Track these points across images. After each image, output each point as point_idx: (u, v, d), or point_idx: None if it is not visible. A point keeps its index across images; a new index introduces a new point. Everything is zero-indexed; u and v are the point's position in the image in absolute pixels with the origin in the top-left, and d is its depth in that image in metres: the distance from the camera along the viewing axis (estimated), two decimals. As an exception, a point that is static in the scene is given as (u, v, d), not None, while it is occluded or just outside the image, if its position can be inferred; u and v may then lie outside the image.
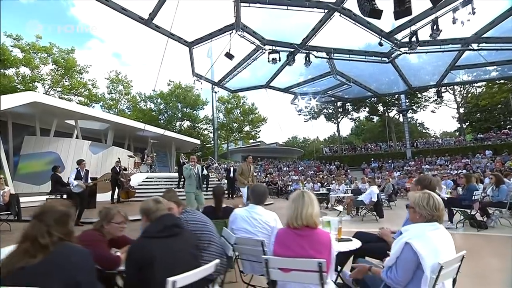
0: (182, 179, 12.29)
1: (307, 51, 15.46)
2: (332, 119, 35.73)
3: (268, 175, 21.31)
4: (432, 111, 32.36)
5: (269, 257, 1.66)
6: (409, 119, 41.36)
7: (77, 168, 6.51)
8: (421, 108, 31.70)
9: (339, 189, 9.60)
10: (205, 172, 11.28)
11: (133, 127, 16.74)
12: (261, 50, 16.31)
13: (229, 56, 17.16)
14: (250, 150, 39.89)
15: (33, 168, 12.43)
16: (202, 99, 36.92)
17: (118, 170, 10.34)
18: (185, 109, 34.95)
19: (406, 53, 15.11)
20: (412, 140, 27.47)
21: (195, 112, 36.05)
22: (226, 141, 38.49)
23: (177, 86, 33.90)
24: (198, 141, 24.82)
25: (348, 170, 22.94)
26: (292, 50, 15.81)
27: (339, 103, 29.34)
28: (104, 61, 52.49)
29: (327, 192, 10.20)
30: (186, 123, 36.33)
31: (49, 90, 22.78)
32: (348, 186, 11.01)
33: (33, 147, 12.72)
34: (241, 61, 20.18)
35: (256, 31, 14.62)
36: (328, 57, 17.16)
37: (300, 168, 25.92)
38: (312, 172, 23.16)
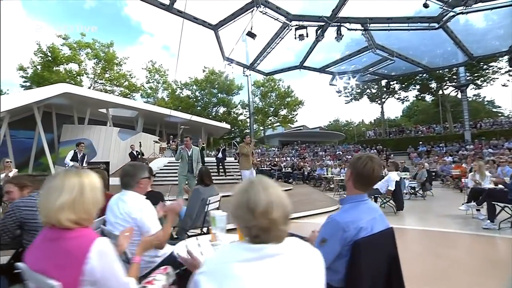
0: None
1: (338, 24, 13.84)
2: (377, 100, 32.54)
3: (295, 159, 20.34)
4: (504, 85, 27.08)
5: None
6: (474, 96, 35.81)
7: (74, 150, 6.60)
8: (487, 82, 26.74)
9: None
10: (220, 155, 10.97)
11: (161, 114, 17.19)
12: (287, 27, 15.13)
13: (251, 35, 16.31)
14: (290, 134, 38.85)
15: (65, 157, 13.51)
16: (238, 84, 36.76)
17: (136, 155, 10.58)
18: (219, 95, 35.19)
19: (462, 13, 12.46)
20: (475, 121, 23.51)
21: (230, 97, 36.11)
22: (262, 126, 38.02)
23: (211, 72, 34.12)
24: (228, 126, 24.76)
25: (392, 155, 20.66)
26: (321, 24, 14.30)
27: (383, 82, 26.39)
28: (154, 54, 56.61)
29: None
30: (222, 109, 36.65)
31: (93, 83, 24.75)
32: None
33: (70, 134, 13.82)
34: (270, 41, 19.19)
35: (279, 6, 13.47)
36: (363, 28, 15.18)
37: (337, 153, 24.28)
38: (350, 156, 21.46)
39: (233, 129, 39.43)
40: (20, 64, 21.36)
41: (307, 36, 17.04)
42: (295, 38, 16.82)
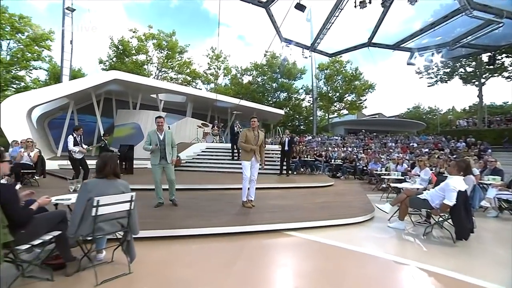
0: (235, 150, 11.36)
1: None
2: (474, 81, 25.75)
3: (356, 150, 17.54)
4: None
5: None
6: None
7: (73, 135, 6.40)
8: None
9: (419, 176, 5.98)
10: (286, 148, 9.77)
11: (208, 98, 16.96)
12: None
13: (300, 7, 14.41)
14: (358, 122, 34.94)
15: (121, 137, 14.52)
16: (300, 67, 34.46)
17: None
18: (280, 80, 33.65)
19: None
20: None
21: (291, 82, 34.19)
22: (327, 113, 35.01)
23: (272, 56, 32.72)
24: (282, 112, 23.26)
25: (489, 151, 15.87)
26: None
27: (484, 56, 20.46)
28: (231, 44, 60.85)
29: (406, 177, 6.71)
30: (283, 95, 35.11)
31: (157, 72, 26.53)
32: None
33: (122, 118, 14.79)
34: (328, 15, 16.84)
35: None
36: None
37: (411, 144, 20.23)
38: (427, 150, 17.48)
39: (296, 116, 37.68)
40: (99, 58, 24.44)
41: (369, 2, 14.22)
42: (355, 6, 14.32)
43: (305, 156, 12.08)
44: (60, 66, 15.79)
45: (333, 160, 12.54)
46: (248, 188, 5.14)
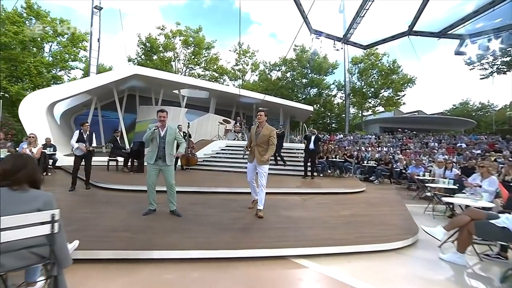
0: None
1: None
2: (540, 70, 22.08)
3: (393, 150, 15.70)
4: None
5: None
6: None
7: (79, 130, 5.96)
8: None
9: (480, 187, 4.53)
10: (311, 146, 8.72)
11: (231, 94, 16.23)
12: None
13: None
14: (395, 120, 32.22)
15: (142, 134, 14.32)
16: (332, 62, 32.52)
17: (183, 136, 9.74)
18: (310, 75, 32.01)
19: None
20: None
21: (322, 77, 32.38)
22: (360, 110, 32.69)
23: (302, 50, 31.20)
24: (310, 108, 21.83)
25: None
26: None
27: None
28: (263, 43, 61.27)
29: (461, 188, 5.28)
30: (313, 91, 33.41)
31: (184, 68, 26.48)
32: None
33: (144, 114, 14.62)
34: (363, 2, 15.32)
35: None
36: None
37: (459, 145, 17.76)
38: (479, 151, 15.11)
39: (328, 113, 35.74)
40: (128, 56, 25.06)
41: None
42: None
43: (334, 157, 10.82)
44: (88, 65, 16.10)
45: (365, 162, 11.09)
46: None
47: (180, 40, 25.49)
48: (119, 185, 6.15)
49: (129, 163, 8.67)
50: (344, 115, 32.25)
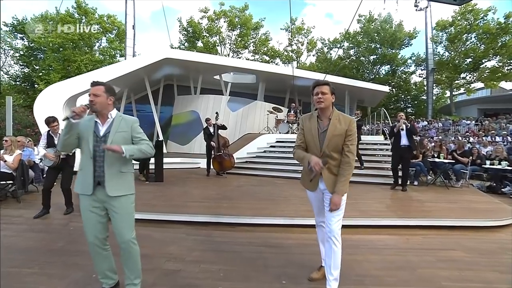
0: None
1: None
2: None
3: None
4: None
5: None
6: None
7: (48, 132, 4.29)
8: None
9: None
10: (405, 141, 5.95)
11: (285, 75, 13.62)
12: None
13: None
14: (501, 99, 25.32)
15: (178, 128, 12.88)
16: (408, 31, 27.04)
17: (212, 131, 7.65)
18: (380, 49, 27.18)
19: None
20: None
21: (396, 51, 27.21)
22: (449, 88, 26.63)
23: (369, 20, 26.53)
24: (385, 88, 17.77)
25: None
26: None
27: None
28: (318, 23, 57.11)
29: None
30: (384, 68, 28.48)
31: (231, 53, 24.67)
32: None
33: (180, 106, 13.11)
34: None
35: None
36: None
37: None
38: None
39: (401, 96, 30.34)
40: (170, 44, 24.26)
41: None
42: None
43: (434, 155, 7.51)
44: (124, 54, 15.35)
45: (487, 163, 7.44)
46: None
47: (225, 22, 23.76)
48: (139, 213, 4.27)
49: (146, 169, 6.93)
50: (425, 96, 26.63)
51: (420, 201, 5.10)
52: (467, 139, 13.73)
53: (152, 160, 6.61)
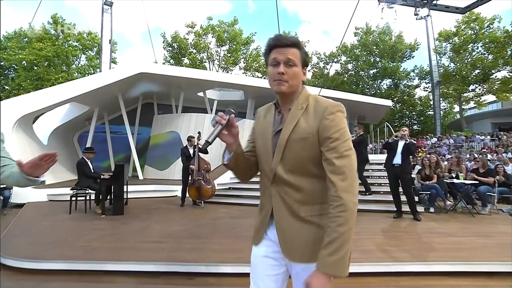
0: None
1: None
2: None
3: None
4: None
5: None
6: None
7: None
8: None
9: None
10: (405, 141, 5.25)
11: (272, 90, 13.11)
12: None
13: None
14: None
15: (156, 151, 12.13)
16: (408, 42, 27.26)
17: (192, 153, 6.84)
18: (380, 63, 27.21)
19: None
20: None
21: (397, 64, 27.25)
22: (457, 102, 26.39)
23: (366, 32, 26.78)
24: (388, 103, 17.33)
25: None
26: None
27: None
28: (315, 41, 61.01)
29: None
30: (386, 82, 28.42)
31: (220, 70, 24.51)
32: None
33: (159, 127, 12.43)
34: None
35: None
36: None
37: None
38: None
39: (406, 112, 30.08)
40: (155, 61, 24.12)
41: None
42: None
43: (453, 175, 6.76)
44: (99, 71, 14.87)
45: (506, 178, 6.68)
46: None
47: (213, 37, 23.77)
48: (64, 262, 3.30)
49: (106, 198, 6.04)
50: (431, 112, 26.31)
51: (441, 235, 4.26)
52: (485, 156, 13.07)
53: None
